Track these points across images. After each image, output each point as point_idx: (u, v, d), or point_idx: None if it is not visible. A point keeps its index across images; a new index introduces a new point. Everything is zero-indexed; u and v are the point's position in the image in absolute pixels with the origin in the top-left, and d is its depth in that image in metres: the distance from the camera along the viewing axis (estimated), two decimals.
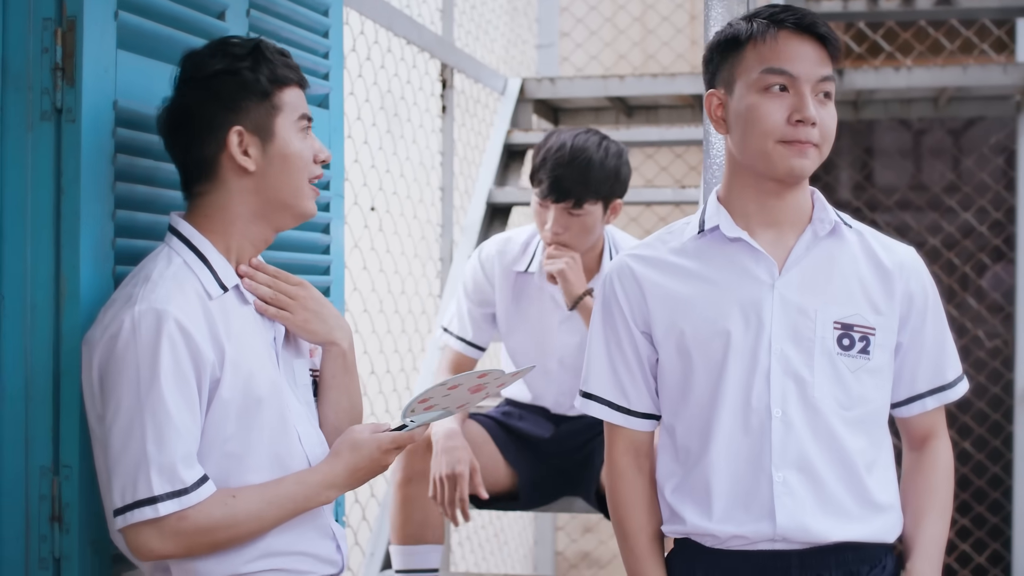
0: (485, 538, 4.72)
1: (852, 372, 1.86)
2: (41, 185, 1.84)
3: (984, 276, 5.87)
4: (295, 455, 1.86)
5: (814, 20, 1.85)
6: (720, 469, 1.86)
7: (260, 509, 1.77)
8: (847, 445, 1.85)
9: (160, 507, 1.69)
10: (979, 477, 5.65)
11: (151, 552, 1.73)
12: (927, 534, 1.93)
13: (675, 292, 1.90)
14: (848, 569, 1.87)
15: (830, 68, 1.86)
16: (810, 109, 1.82)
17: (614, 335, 1.95)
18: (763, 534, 1.84)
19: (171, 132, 1.86)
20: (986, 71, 4.69)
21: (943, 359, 1.96)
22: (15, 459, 1.84)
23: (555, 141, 2.82)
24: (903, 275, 1.91)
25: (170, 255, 1.81)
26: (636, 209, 5.50)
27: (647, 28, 5.76)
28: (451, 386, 1.83)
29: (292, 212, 1.88)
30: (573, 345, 2.92)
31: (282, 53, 1.88)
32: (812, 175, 1.92)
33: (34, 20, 1.83)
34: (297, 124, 1.87)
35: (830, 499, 1.85)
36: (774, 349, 1.85)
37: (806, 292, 1.87)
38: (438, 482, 2.72)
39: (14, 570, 1.84)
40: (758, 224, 1.90)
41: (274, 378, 1.85)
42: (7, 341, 1.84)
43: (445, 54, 4.08)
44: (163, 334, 1.70)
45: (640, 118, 5.18)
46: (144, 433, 1.69)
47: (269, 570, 1.82)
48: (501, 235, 3.07)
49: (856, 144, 6.05)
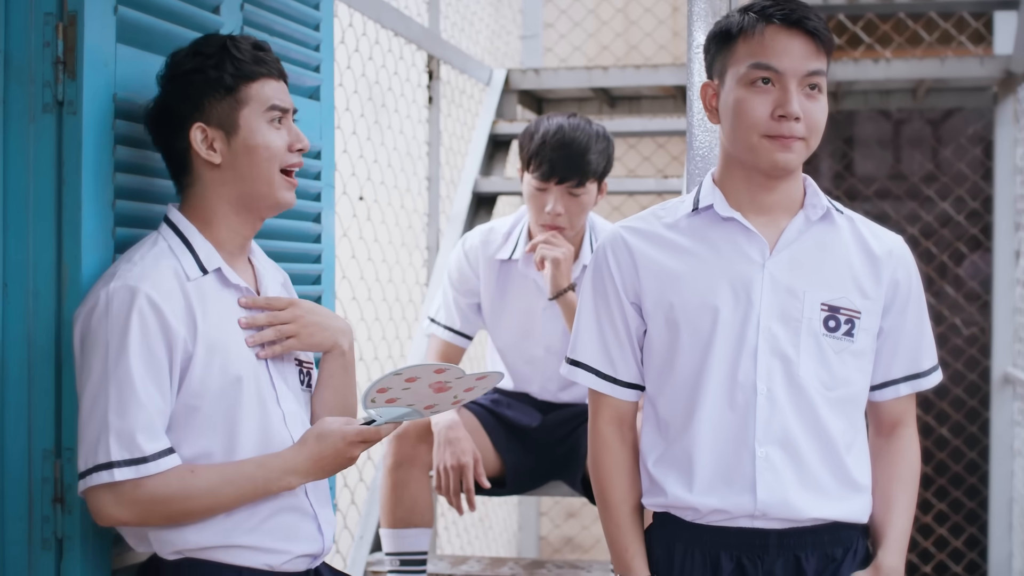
0: (470, 522, 4.77)
1: (836, 353, 1.90)
2: (43, 175, 1.89)
3: (962, 265, 5.93)
4: (279, 434, 1.91)
5: (803, 15, 1.87)
6: (703, 443, 1.90)
7: (217, 486, 1.82)
8: (828, 425, 1.90)
9: (116, 472, 1.75)
10: (956, 463, 5.71)
11: (108, 517, 1.79)
12: (897, 527, 1.96)
13: (667, 266, 1.94)
14: (824, 551, 1.91)
15: (820, 62, 1.87)
16: (792, 104, 1.84)
17: (604, 304, 1.98)
18: (744, 508, 1.88)
19: (152, 128, 1.94)
20: (963, 63, 4.75)
21: (920, 347, 1.99)
22: (18, 442, 1.89)
23: (548, 125, 2.87)
24: (891, 262, 1.96)
25: (156, 239, 1.89)
26: (619, 198, 5.54)
27: (630, 19, 5.80)
28: (408, 377, 1.82)
29: (266, 202, 1.93)
30: (558, 331, 2.97)
31: (258, 47, 1.93)
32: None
33: (36, 15, 1.88)
34: (266, 115, 1.91)
35: (811, 476, 1.89)
36: (762, 327, 1.89)
37: (796, 273, 1.91)
38: (443, 472, 2.78)
39: (17, 550, 1.89)
40: (749, 209, 1.94)
41: (252, 358, 1.90)
42: (10, 327, 1.88)
43: (432, 46, 4.12)
44: (134, 309, 1.76)
45: (623, 108, 5.21)
46: (107, 402, 1.76)
47: (244, 545, 1.86)
48: (484, 225, 3.11)
49: (836, 134, 6.10)
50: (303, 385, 2.01)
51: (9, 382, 1.89)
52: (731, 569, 1.90)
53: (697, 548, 1.92)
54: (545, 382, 3.05)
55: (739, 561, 1.90)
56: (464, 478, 2.76)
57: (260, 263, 2.02)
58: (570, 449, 2.99)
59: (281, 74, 1.96)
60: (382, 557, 3.21)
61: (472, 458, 2.77)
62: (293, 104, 1.98)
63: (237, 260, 1.96)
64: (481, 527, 4.93)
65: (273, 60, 1.95)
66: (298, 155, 1.95)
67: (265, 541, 1.88)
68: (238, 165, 1.90)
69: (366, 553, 3.27)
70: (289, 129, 1.95)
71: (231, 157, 1.90)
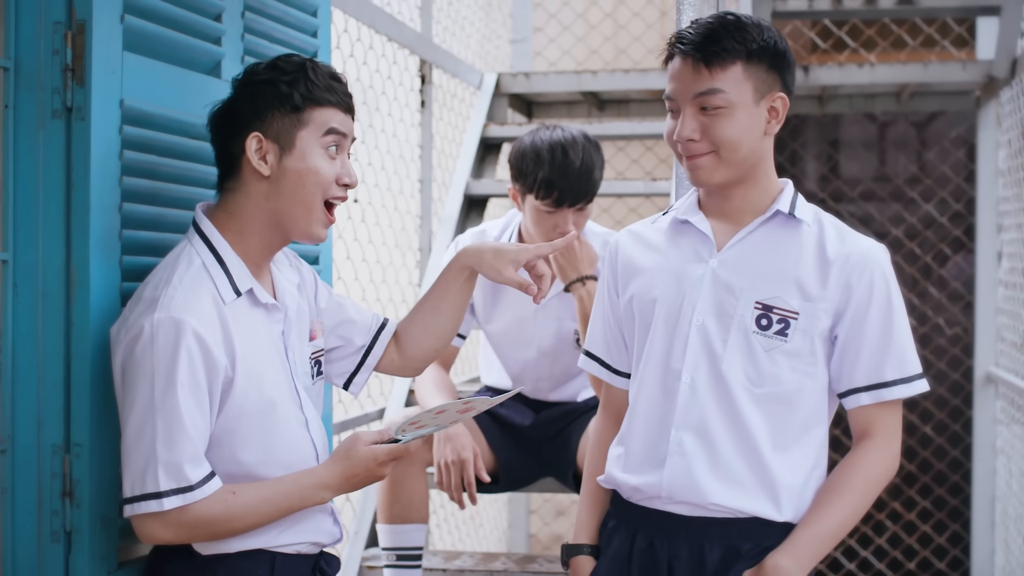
0: (461, 520, 4.83)
1: (767, 351, 1.96)
2: (52, 179, 1.94)
3: (945, 266, 5.98)
4: (303, 440, 2.02)
5: (685, 38, 1.97)
6: (638, 425, 2.04)
7: (257, 506, 1.91)
8: (748, 419, 1.96)
9: (165, 502, 1.83)
10: (939, 460, 5.77)
11: (154, 538, 1.87)
12: (805, 531, 1.94)
13: (638, 262, 2.09)
14: (729, 543, 1.96)
15: (710, 81, 1.94)
16: (681, 128, 1.96)
17: (605, 299, 2.16)
18: (653, 488, 1.99)
19: (213, 126, 1.98)
20: (946, 68, 4.81)
21: (884, 357, 1.96)
22: (28, 438, 1.94)
23: (549, 151, 2.84)
24: (845, 267, 1.96)
25: (191, 256, 1.92)
26: (607, 200, 5.60)
27: (619, 24, 5.86)
28: (438, 411, 1.98)
29: (299, 228, 1.96)
30: (549, 333, 3.04)
31: (334, 77, 1.97)
32: (778, 167, 2.06)
33: (45, 23, 1.93)
34: (323, 141, 1.94)
35: (724, 466, 1.95)
36: (695, 320, 1.99)
37: (737, 272, 1.99)
38: (444, 468, 2.83)
39: (27, 543, 1.94)
40: (715, 214, 2.05)
41: (282, 377, 1.98)
42: (21, 327, 1.94)
43: (424, 51, 4.17)
44: (181, 345, 1.82)
45: (612, 112, 5.27)
46: (155, 434, 1.82)
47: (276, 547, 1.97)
48: (476, 228, 3.15)
49: (822, 137, 6.16)
50: (313, 376, 2.10)
51: (20, 380, 1.94)
52: (643, 547, 2.01)
53: (624, 524, 2.05)
54: (537, 382, 3.12)
55: (651, 541, 2.01)
56: (465, 472, 2.82)
57: (276, 272, 2.07)
58: (561, 446, 3.05)
59: (350, 108, 1.99)
60: (378, 552, 3.27)
61: (472, 453, 2.83)
62: (354, 134, 2.01)
63: (262, 272, 2.01)
64: (472, 524, 4.99)
65: (345, 92, 1.98)
66: (344, 190, 1.98)
67: (294, 538, 1.99)
68: (284, 183, 1.93)
69: (361, 548, 3.32)
70: (343, 162, 1.98)
71: (279, 173, 1.93)
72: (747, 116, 1.95)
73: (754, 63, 1.95)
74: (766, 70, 1.96)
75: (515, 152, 2.93)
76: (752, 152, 1.97)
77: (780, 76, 1.98)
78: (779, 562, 1.91)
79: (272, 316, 2.00)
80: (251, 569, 1.94)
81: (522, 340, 3.08)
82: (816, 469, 1.99)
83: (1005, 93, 4.77)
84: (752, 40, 1.95)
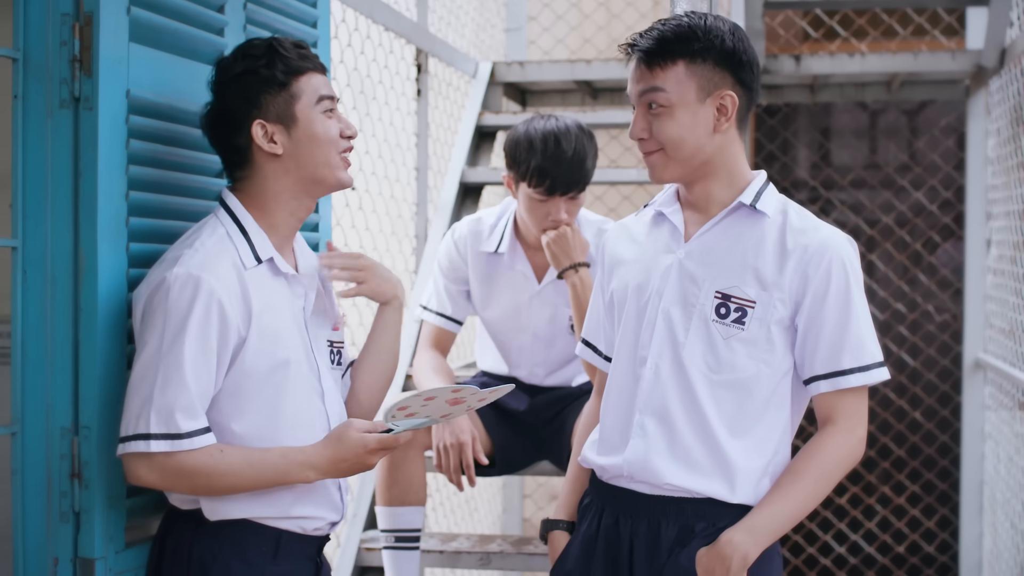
0: (456, 504, 4.88)
1: (724, 339, 2.02)
2: (60, 168, 1.99)
3: (935, 253, 6.03)
4: (318, 411, 2.07)
5: (635, 41, 2.05)
6: (609, 407, 2.13)
7: (240, 468, 1.96)
8: (706, 405, 2.02)
9: (152, 444, 1.90)
10: (929, 445, 5.84)
11: (140, 479, 1.94)
12: (760, 510, 1.98)
13: (621, 255, 2.18)
14: (684, 522, 2.02)
15: (651, 81, 2.02)
16: (632, 128, 2.06)
17: (598, 290, 2.24)
18: (617, 468, 2.07)
19: (210, 130, 2.06)
20: (936, 57, 4.84)
21: (841, 346, 1.99)
22: (37, 421, 1.99)
23: (542, 140, 2.89)
24: (803, 258, 2.00)
25: (215, 225, 2.01)
26: (601, 188, 5.64)
27: (612, 13, 5.89)
28: (427, 397, 1.99)
29: (327, 183, 2.08)
30: (544, 319, 3.10)
31: (298, 45, 2.07)
32: (769, 155, 2.11)
33: (53, 15, 1.98)
34: (318, 106, 2.05)
35: (682, 449, 2.02)
36: (661, 309, 2.06)
37: (701, 263, 2.06)
38: (443, 450, 2.88)
39: (37, 523, 1.99)
40: (687, 205, 2.12)
41: (300, 342, 2.05)
42: (30, 312, 1.99)
43: (420, 40, 4.21)
44: (197, 300, 1.90)
45: (605, 100, 5.30)
46: (155, 379, 1.90)
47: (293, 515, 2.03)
48: (472, 216, 3.20)
49: (813, 125, 6.20)
50: (333, 364, 2.17)
51: (29, 363, 1.99)
52: (610, 524, 2.09)
53: (595, 502, 2.14)
54: (532, 367, 3.17)
55: (616, 518, 2.08)
56: (464, 455, 2.87)
57: (300, 249, 2.15)
58: (556, 430, 3.10)
59: (322, 68, 2.10)
60: (376, 534, 3.32)
61: (470, 436, 2.88)
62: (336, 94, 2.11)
63: (286, 246, 2.09)
64: (467, 508, 5.04)
65: (314, 56, 2.09)
66: (349, 141, 2.09)
67: (309, 510, 2.05)
68: (300, 154, 2.03)
69: (359, 531, 3.37)
70: (339, 118, 2.09)
71: (292, 147, 2.03)
72: (690, 115, 2.01)
73: (698, 62, 2.00)
74: (712, 69, 2.01)
75: (509, 140, 2.98)
76: (699, 149, 2.03)
77: (732, 74, 2.02)
78: (733, 538, 1.96)
79: (293, 289, 2.07)
80: (256, 544, 2.00)
81: (517, 326, 3.13)
82: (778, 454, 2.04)
83: (994, 82, 4.81)
84: (695, 40, 2.00)
